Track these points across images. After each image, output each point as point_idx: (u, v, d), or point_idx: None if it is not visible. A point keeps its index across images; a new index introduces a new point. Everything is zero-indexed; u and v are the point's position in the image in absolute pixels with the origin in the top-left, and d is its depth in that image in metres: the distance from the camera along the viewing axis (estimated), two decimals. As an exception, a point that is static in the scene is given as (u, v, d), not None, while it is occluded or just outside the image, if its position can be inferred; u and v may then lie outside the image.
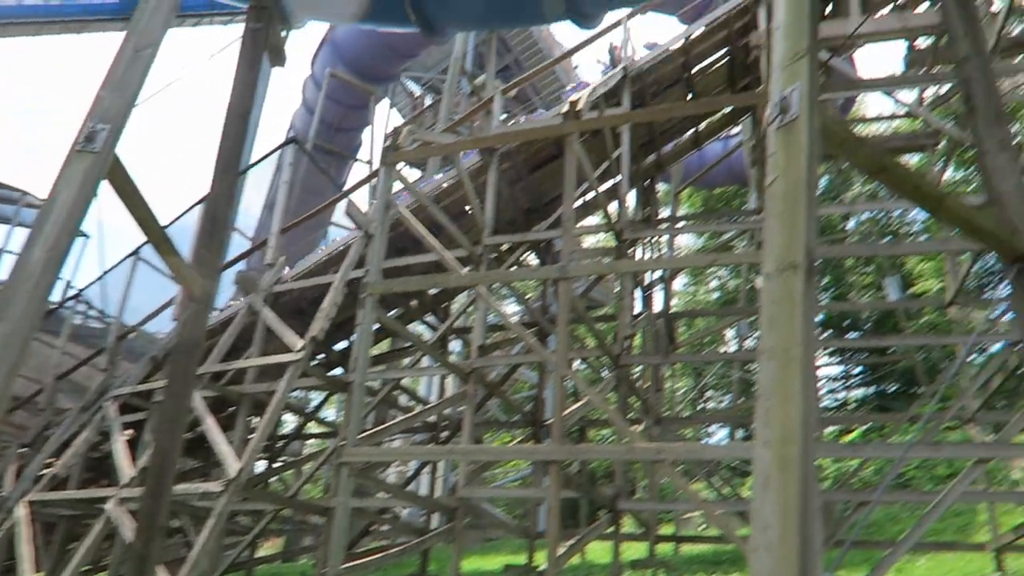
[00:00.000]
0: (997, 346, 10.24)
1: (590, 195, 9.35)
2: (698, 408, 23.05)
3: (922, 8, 8.42)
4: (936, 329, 16.49)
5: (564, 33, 32.29)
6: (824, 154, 3.42)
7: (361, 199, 21.43)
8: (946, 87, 8.83)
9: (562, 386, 6.13)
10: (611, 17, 8.89)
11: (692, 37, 8.75)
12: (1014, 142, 4.44)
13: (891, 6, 8.59)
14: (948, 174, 14.36)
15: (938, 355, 15.46)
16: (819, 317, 21.36)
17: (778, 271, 2.83)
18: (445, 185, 9.11)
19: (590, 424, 11.42)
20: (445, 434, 10.14)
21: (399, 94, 21.99)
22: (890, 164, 3.66)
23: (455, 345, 14.29)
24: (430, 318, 11.32)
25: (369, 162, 18.87)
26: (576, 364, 14.01)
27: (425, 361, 11.43)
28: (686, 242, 26.37)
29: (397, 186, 8.26)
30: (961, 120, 8.75)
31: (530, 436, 9.65)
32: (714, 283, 27.40)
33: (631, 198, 9.84)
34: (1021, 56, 8.33)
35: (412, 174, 14.67)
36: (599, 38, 10.04)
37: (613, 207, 9.13)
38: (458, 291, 10.77)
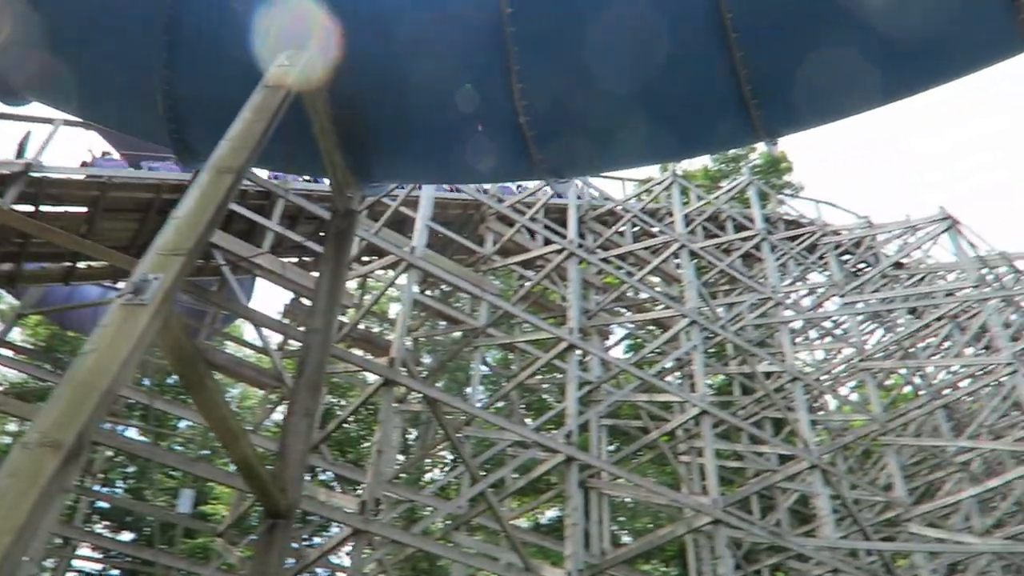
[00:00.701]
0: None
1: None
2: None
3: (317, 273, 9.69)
4: (205, 554, 16.64)
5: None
6: (153, 346, 3.41)
7: None
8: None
9: None
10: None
11: (112, 181, 8.36)
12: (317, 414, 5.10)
13: (297, 259, 9.69)
14: (279, 416, 15.67)
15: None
16: (103, 505, 19.85)
17: (38, 443, 2.56)
18: None
19: None
20: None
21: None
22: (210, 387, 3.81)
23: None
24: None
25: None
26: None
27: None
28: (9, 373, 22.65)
29: None
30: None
31: None
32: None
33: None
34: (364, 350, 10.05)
35: None
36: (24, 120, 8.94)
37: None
38: None
